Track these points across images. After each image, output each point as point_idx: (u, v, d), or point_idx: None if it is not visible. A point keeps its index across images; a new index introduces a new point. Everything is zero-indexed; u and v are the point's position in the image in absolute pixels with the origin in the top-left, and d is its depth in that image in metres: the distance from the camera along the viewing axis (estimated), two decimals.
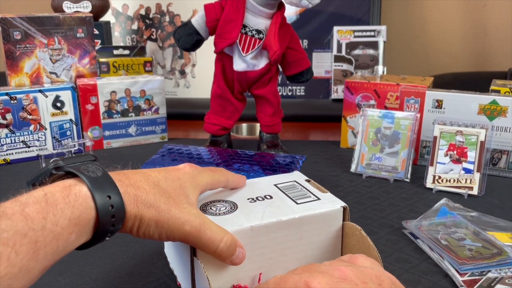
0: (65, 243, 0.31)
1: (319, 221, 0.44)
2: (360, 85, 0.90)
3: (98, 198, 0.33)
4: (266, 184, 0.50)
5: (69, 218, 0.31)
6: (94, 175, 0.34)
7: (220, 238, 0.38)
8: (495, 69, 1.34)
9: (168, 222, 0.36)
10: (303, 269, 0.36)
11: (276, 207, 0.44)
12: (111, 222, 0.34)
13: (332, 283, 0.33)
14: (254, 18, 0.77)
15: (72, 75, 0.93)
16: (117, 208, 0.34)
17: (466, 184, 0.71)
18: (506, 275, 0.48)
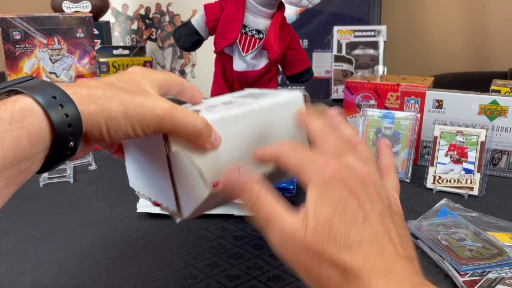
0: (15, 148, 0.28)
1: (282, 109, 0.45)
2: (360, 85, 0.90)
3: (40, 99, 0.30)
4: (223, 97, 0.49)
5: (9, 121, 0.28)
6: (31, 84, 0.32)
7: (195, 118, 0.37)
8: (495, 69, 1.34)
9: (136, 110, 0.34)
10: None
11: (240, 104, 0.44)
12: (65, 122, 0.31)
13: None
14: (254, 18, 0.77)
15: (72, 75, 0.93)
16: (67, 106, 0.31)
17: (466, 184, 0.71)
18: (507, 276, 0.48)
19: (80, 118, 0.31)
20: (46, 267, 0.51)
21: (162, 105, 0.35)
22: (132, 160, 0.44)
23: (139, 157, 0.43)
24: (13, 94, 0.31)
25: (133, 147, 0.43)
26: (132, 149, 0.43)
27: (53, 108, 0.30)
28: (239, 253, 0.53)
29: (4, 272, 0.50)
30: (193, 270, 0.50)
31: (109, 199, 0.67)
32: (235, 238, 0.56)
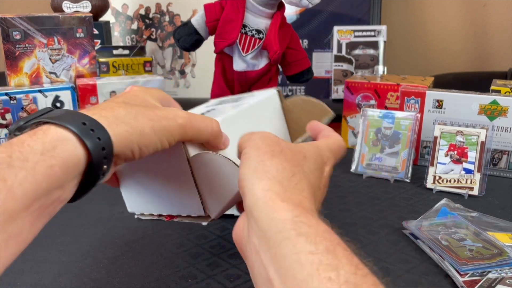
0: (48, 178, 0.28)
1: (265, 105, 0.52)
2: (360, 85, 0.90)
3: (72, 126, 0.30)
4: (204, 106, 0.54)
5: (41, 152, 0.28)
6: (57, 114, 0.31)
7: (210, 121, 0.39)
8: (495, 69, 1.34)
9: (162, 123, 0.35)
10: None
11: (228, 108, 0.49)
12: (99, 146, 0.31)
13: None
14: (254, 18, 0.77)
15: (72, 75, 0.93)
16: (98, 130, 0.31)
17: (466, 184, 0.71)
18: (507, 276, 0.48)
19: (111, 140, 0.32)
20: (46, 267, 0.51)
21: (181, 115, 0.37)
22: (131, 184, 0.44)
23: (142, 178, 0.43)
24: (41, 125, 0.31)
25: (132, 170, 0.43)
26: (130, 172, 0.44)
27: (86, 133, 0.30)
28: (239, 253, 0.53)
29: (4, 272, 0.50)
30: (193, 270, 0.50)
31: (109, 199, 0.67)
32: None
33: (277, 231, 0.29)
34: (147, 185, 0.44)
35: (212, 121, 0.39)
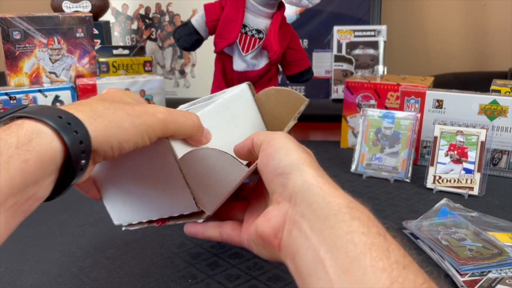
0: (22, 172, 0.27)
1: (238, 99, 0.53)
2: (360, 85, 0.90)
3: (48, 120, 0.29)
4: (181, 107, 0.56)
5: (15, 145, 0.27)
6: (33, 109, 0.31)
7: (190, 115, 0.39)
8: (495, 69, 1.34)
9: (142, 118, 0.34)
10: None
11: (204, 105, 0.50)
12: (77, 139, 0.30)
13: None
14: (254, 18, 0.77)
15: (72, 75, 0.93)
16: (75, 123, 0.30)
17: (466, 184, 0.71)
18: (507, 276, 0.48)
19: (89, 134, 0.31)
20: (46, 267, 0.51)
21: (161, 110, 0.36)
22: (114, 193, 0.43)
23: (126, 184, 0.42)
24: (15, 120, 0.30)
25: (114, 177, 0.42)
26: (112, 180, 0.42)
27: (63, 126, 0.29)
28: (239, 253, 0.53)
29: (4, 272, 0.50)
30: (193, 270, 0.50)
31: None
32: None
33: (333, 214, 0.30)
34: (131, 191, 0.42)
35: (192, 115, 0.39)
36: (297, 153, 0.35)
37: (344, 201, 0.31)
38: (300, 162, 0.35)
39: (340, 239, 0.29)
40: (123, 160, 0.39)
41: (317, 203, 0.31)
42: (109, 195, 0.44)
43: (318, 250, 0.29)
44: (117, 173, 0.42)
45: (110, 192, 0.43)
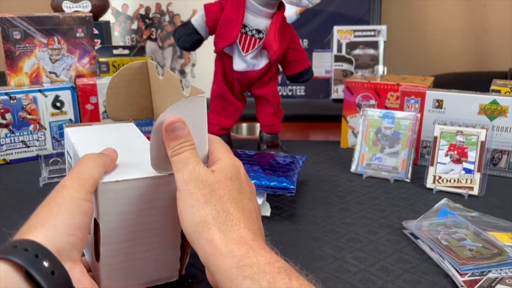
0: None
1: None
2: (360, 85, 0.90)
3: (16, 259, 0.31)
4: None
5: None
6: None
7: (97, 158, 0.41)
8: (495, 69, 1.34)
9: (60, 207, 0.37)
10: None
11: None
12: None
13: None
14: (254, 17, 0.77)
15: (72, 75, 0.93)
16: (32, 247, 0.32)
17: (466, 184, 0.71)
18: (507, 276, 0.48)
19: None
20: None
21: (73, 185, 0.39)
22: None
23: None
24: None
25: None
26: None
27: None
28: None
29: None
30: (193, 270, 0.50)
31: None
32: None
33: (228, 280, 0.33)
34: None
35: (97, 156, 0.41)
36: (194, 214, 0.37)
37: (234, 262, 0.33)
38: (196, 228, 0.36)
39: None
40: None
41: (217, 273, 0.34)
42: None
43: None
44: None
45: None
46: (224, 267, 0.34)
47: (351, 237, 0.58)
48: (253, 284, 0.32)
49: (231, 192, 0.38)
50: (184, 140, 0.40)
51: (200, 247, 0.36)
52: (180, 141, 0.39)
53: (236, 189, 0.39)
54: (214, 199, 0.37)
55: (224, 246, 0.34)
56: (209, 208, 0.36)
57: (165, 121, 0.40)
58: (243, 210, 0.38)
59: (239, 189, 0.39)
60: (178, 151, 0.39)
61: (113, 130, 0.52)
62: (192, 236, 0.37)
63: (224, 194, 0.38)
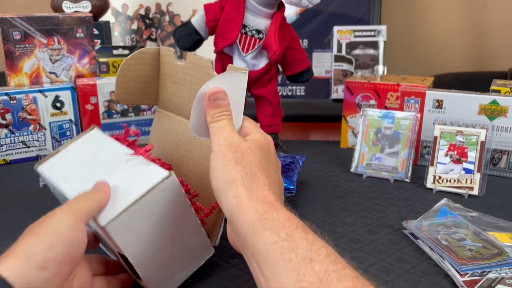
0: None
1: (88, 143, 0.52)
2: (360, 85, 0.90)
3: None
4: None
5: None
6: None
7: (94, 195, 0.41)
8: (495, 69, 1.34)
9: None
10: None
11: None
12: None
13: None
14: (254, 18, 0.77)
15: (72, 75, 0.93)
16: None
17: (466, 184, 0.71)
18: (507, 276, 0.48)
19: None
20: None
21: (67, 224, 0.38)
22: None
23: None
24: None
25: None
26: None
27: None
28: (239, 253, 0.53)
29: None
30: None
31: None
32: None
33: (250, 231, 0.35)
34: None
35: (96, 193, 0.41)
36: (224, 172, 0.39)
37: (257, 216, 0.36)
38: (225, 184, 0.39)
39: (260, 252, 0.34)
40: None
41: (238, 224, 0.37)
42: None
43: (252, 262, 0.36)
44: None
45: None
46: (247, 220, 0.36)
47: (351, 237, 0.58)
48: (272, 235, 0.34)
49: (260, 160, 0.41)
50: (224, 109, 0.43)
51: (226, 202, 0.38)
52: (220, 110, 0.43)
53: (265, 159, 0.42)
54: (244, 162, 0.40)
55: (248, 202, 0.37)
56: (239, 169, 0.39)
57: (209, 90, 0.43)
58: (269, 177, 0.40)
59: (268, 159, 0.42)
60: (217, 119, 0.43)
61: (82, 149, 0.50)
62: (220, 192, 0.39)
63: (253, 159, 0.40)
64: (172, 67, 0.56)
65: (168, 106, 0.59)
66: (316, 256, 0.32)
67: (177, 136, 0.57)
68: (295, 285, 0.31)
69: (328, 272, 0.31)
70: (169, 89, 0.58)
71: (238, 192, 0.38)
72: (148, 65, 0.57)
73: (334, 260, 0.32)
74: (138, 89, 0.58)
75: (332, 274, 0.31)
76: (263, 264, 0.34)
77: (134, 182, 0.42)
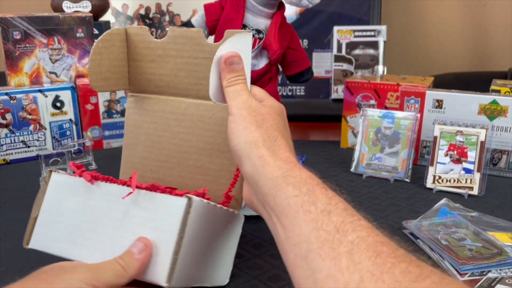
0: None
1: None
2: (360, 85, 0.90)
3: None
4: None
5: None
6: None
7: (118, 267, 0.37)
8: (495, 69, 1.34)
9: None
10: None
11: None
12: None
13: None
14: (254, 18, 0.77)
15: (72, 75, 0.93)
16: None
17: (466, 184, 0.71)
18: (506, 275, 0.48)
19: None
20: None
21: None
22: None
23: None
24: None
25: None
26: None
27: None
28: (239, 253, 0.53)
29: (4, 272, 0.50)
30: None
31: None
32: None
33: (273, 186, 0.37)
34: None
35: (117, 264, 0.37)
36: (246, 134, 0.40)
37: (280, 173, 0.37)
38: (248, 145, 0.40)
39: (281, 205, 0.36)
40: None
41: (262, 181, 0.38)
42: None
43: (272, 216, 0.37)
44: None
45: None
46: (271, 176, 0.37)
47: None
48: (294, 190, 0.36)
49: (278, 125, 0.42)
50: (240, 74, 0.45)
51: (249, 161, 0.39)
52: (236, 74, 0.44)
53: (282, 124, 0.43)
54: (264, 126, 0.41)
55: (272, 161, 0.38)
56: (260, 132, 0.40)
57: (225, 54, 0.44)
58: (288, 141, 0.42)
59: (284, 125, 0.44)
60: (233, 83, 0.44)
61: (60, 207, 0.44)
62: (242, 152, 0.40)
63: (273, 124, 0.42)
64: (147, 45, 0.53)
65: (145, 87, 0.56)
66: (334, 209, 0.34)
67: (165, 115, 0.55)
68: (312, 232, 0.33)
69: (344, 222, 0.33)
70: (144, 69, 0.54)
71: (261, 152, 0.39)
72: (116, 47, 0.53)
73: (350, 213, 0.35)
74: (111, 73, 0.54)
75: (348, 224, 0.33)
76: (283, 216, 0.35)
77: (159, 225, 0.38)
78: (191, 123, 0.53)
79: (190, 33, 0.50)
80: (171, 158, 0.54)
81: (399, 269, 0.28)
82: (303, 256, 0.32)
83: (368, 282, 0.28)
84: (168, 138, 0.54)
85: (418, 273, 0.28)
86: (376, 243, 0.31)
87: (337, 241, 0.32)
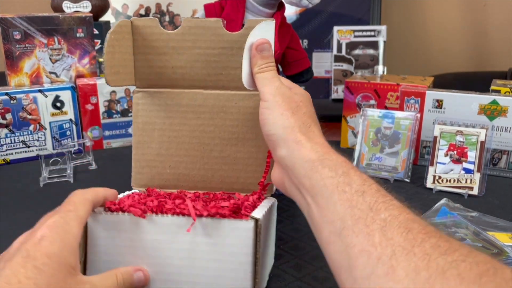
0: None
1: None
2: (360, 85, 0.90)
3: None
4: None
5: None
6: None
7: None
8: (495, 69, 1.34)
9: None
10: None
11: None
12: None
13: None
14: (254, 18, 0.77)
15: (72, 75, 0.93)
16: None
17: (466, 184, 0.71)
18: None
19: None
20: None
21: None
22: None
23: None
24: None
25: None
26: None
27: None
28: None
29: None
30: None
31: None
32: None
33: (309, 169, 0.38)
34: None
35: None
36: (282, 120, 0.42)
37: (317, 156, 0.39)
38: (285, 130, 0.41)
39: (317, 186, 0.37)
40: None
41: (299, 163, 0.40)
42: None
43: (306, 197, 0.39)
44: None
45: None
46: (308, 159, 0.39)
47: None
48: (330, 171, 0.37)
49: (311, 113, 0.44)
50: (270, 60, 0.45)
51: (285, 145, 0.41)
52: (267, 60, 0.45)
53: (313, 113, 0.45)
54: (299, 113, 0.43)
55: (309, 145, 0.40)
56: (295, 119, 0.42)
57: (256, 41, 0.44)
58: (319, 129, 0.44)
59: (315, 113, 0.46)
60: (265, 69, 0.45)
61: (112, 243, 0.41)
62: (278, 137, 0.42)
63: (306, 112, 0.43)
64: (158, 38, 0.51)
65: (154, 82, 0.54)
66: (368, 190, 0.36)
67: (181, 109, 0.53)
68: (347, 211, 0.34)
69: (378, 202, 0.35)
70: (154, 62, 0.52)
71: (298, 137, 0.41)
72: (125, 40, 0.51)
73: (383, 194, 0.36)
74: (122, 67, 0.51)
75: (381, 204, 0.34)
76: (319, 196, 0.37)
77: (229, 249, 0.39)
78: (212, 114, 0.52)
79: (208, 23, 0.49)
80: (193, 152, 0.53)
81: (429, 243, 0.29)
82: (337, 233, 0.34)
83: (399, 255, 0.29)
84: (187, 131, 0.53)
85: (447, 247, 0.29)
86: (407, 221, 0.32)
87: (370, 219, 0.33)
